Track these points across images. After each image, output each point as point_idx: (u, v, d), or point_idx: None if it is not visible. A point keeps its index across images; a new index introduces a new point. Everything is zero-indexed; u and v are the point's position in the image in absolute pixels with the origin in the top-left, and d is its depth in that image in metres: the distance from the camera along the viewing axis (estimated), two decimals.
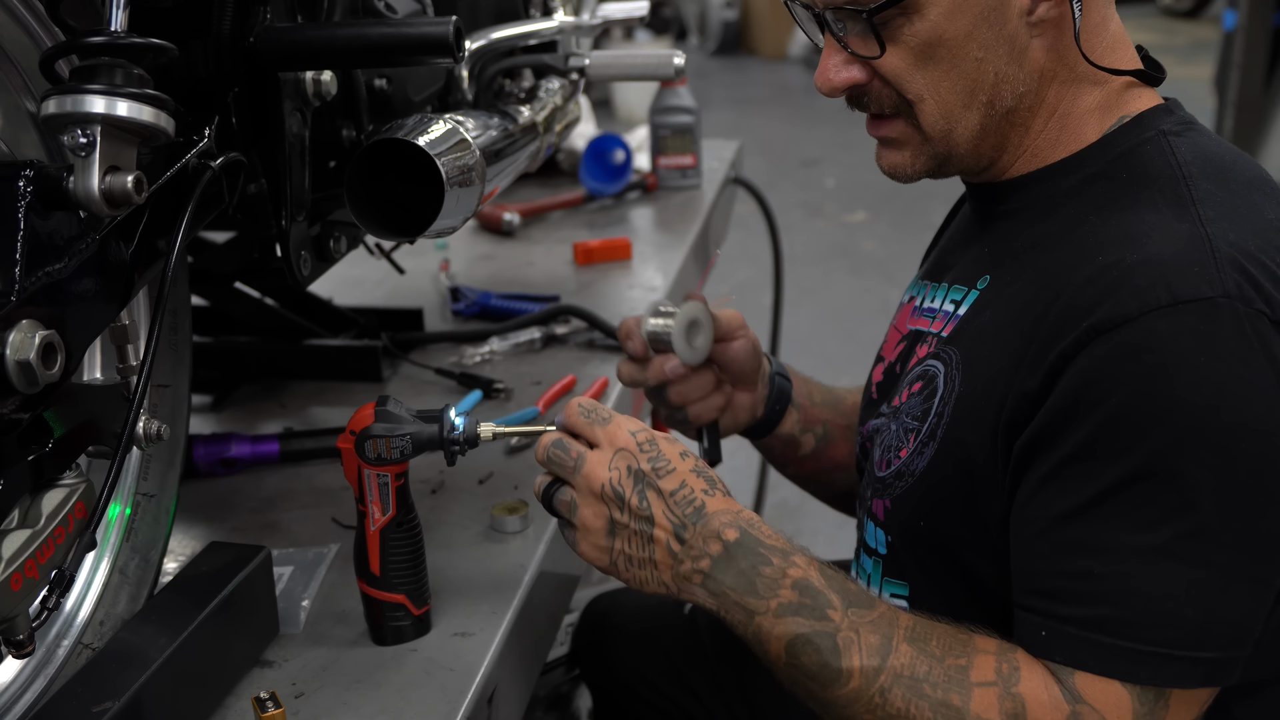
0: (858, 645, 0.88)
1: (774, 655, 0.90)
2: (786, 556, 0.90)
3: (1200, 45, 7.02)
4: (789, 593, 0.89)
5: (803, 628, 0.88)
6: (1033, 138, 0.99)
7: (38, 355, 0.72)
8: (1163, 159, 0.94)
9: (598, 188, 2.08)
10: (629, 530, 0.92)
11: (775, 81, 8.44)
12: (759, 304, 2.44)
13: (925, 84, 0.95)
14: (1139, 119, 0.97)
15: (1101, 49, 0.97)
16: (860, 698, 0.87)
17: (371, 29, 1.08)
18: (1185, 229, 0.88)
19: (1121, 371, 0.84)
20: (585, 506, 0.93)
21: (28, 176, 0.75)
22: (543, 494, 0.95)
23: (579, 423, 0.94)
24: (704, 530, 0.91)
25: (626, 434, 0.93)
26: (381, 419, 0.95)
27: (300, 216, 1.12)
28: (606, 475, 0.92)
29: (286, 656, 0.99)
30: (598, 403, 0.94)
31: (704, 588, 0.91)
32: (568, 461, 0.93)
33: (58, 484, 0.80)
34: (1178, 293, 0.84)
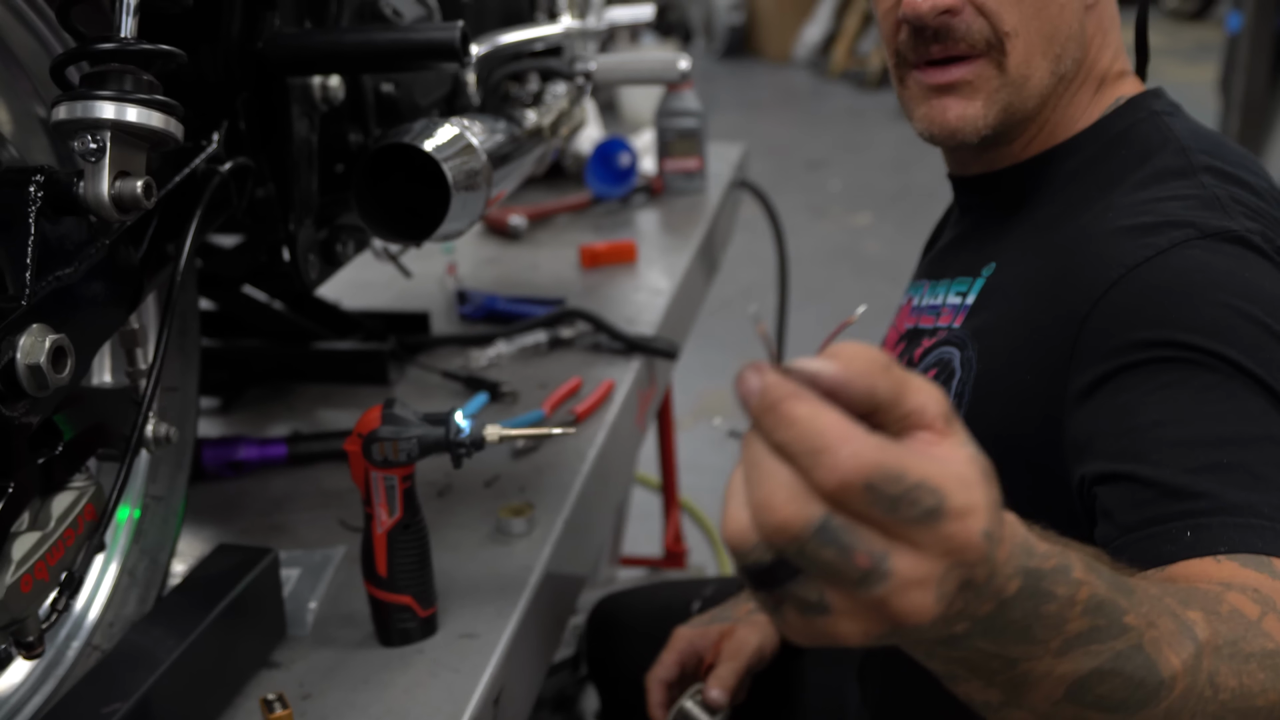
0: (1165, 641, 0.63)
1: (1039, 699, 0.62)
2: (1068, 575, 0.59)
3: (1205, 48, 7.01)
4: (1078, 623, 0.59)
5: (1097, 659, 0.60)
6: (1055, 115, 1.00)
7: (48, 359, 0.73)
8: (1160, 135, 0.97)
9: (603, 191, 2.09)
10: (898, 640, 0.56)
11: (781, 84, 8.45)
12: (764, 306, 2.45)
13: (1021, 18, 0.94)
14: (1131, 102, 1.01)
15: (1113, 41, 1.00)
16: (1188, 700, 0.64)
17: (379, 35, 1.09)
18: (1195, 191, 0.90)
19: (1164, 291, 0.84)
20: (853, 624, 0.51)
21: (38, 182, 0.75)
22: (753, 572, 0.51)
23: (870, 512, 0.48)
24: (989, 591, 0.54)
25: (980, 537, 0.50)
26: (388, 422, 0.96)
27: (308, 220, 1.13)
28: (931, 611, 0.50)
29: (294, 658, 1.00)
30: (905, 478, 0.48)
31: (943, 648, 0.58)
32: (849, 572, 0.48)
33: (67, 487, 0.81)
34: (1204, 229, 0.86)
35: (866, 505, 0.47)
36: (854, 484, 0.47)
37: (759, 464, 0.49)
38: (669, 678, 1.24)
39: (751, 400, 0.50)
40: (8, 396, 0.72)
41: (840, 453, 0.47)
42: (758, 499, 0.49)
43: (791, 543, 0.48)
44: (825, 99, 7.93)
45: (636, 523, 2.63)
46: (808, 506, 0.47)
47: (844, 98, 7.80)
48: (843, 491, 0.47)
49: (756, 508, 0.49)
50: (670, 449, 2.24)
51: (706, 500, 2.97)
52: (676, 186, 2.12)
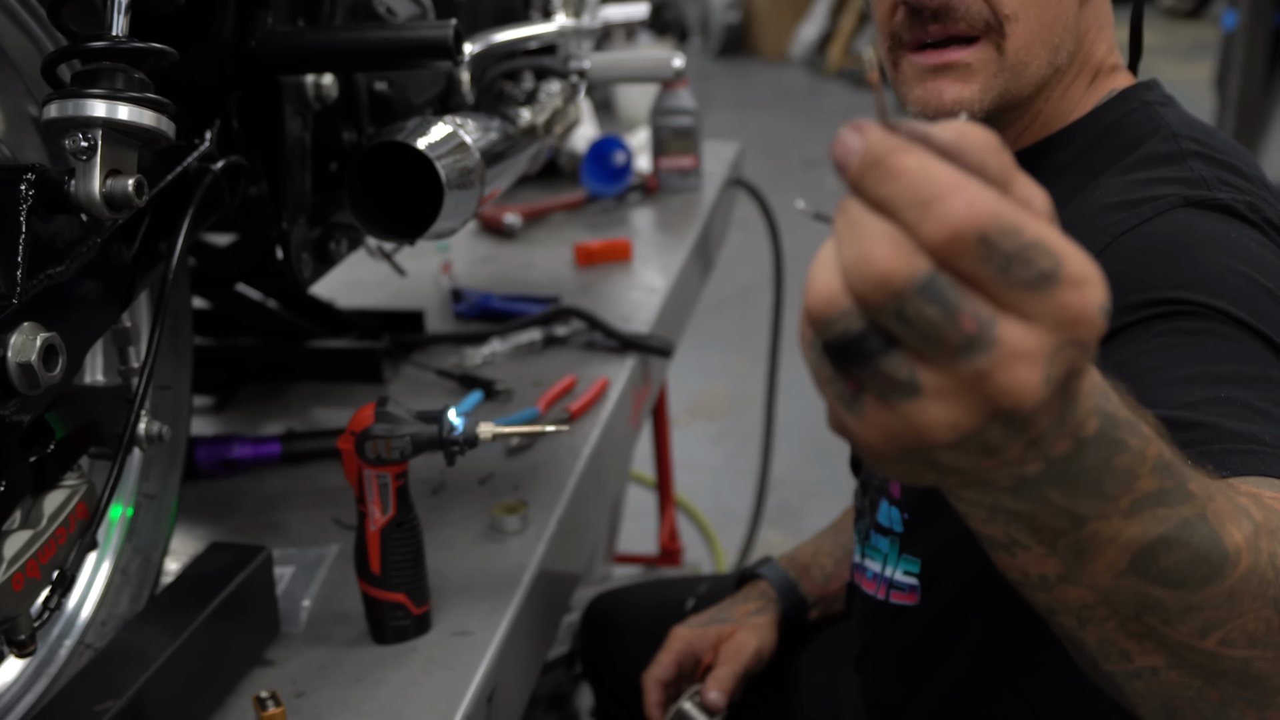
0: (1226, 516, 0.59)
1: (1101, 569, 0.57)
2: (1139, 429, 0.55)
3: (1200, 46, 7.02)
4: (1147, 481, 0.55)
5: (1164, 524, 0.56)
6: (1049, 106, 1.01)
7: (39, 357, 0.73)
8: (1152, 124, 0.98)
9: (598, 189, 2.09)
10: (982, 444, 0.48)
11: (777, 83, 8.45)
12: (760, 305, 2.45)
13: (1021, 3, 0.94)
14: (1124, 93, 1.02)
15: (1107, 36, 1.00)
16: (1251, 579, 0.59)
17: (372, 33, 1.09)
18: (1183, 174, 0.91)
19: (1152, 254, 0.85)
20: (944, 408, 0.46)
21: (29, 180, 0.75)
22: (840, 344, 0.46)
23: (981, 271, 0.44)
24: (1067, 426, 0.50)
25: (1096, 309, 0.45)
26: (381, 420, 0.96)
27: (301, 219, 1.13)
28: (1038, 392, 0.45)
29: (287, 656, 1.00)
30: (1022, 232, 0.44)
31: (1012, 497, 0.53)
32: (951, 335, 0.44)
33: (59, 485, 0.81)
34: (1190, 197, 0.87)
35: (978, 262, 0.43)
36: (967, 235, 0.43)
37: (858, 222, 0.45)
38: (666, 678, 1.24)
39: (852, 159, 0.46)
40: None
41: (953, 201, 0.43)
42: (856, 254, 0.45)
43: (891, 299, 0.44)
44: (821, 98, 7.94)
45: (631, 520, 2.63)
46: (914, 259, 0.44)
47: (840, 96, 7.81)
48: (954, 243, 0.43)
49: (854, 264, 0.45)
50: (665, 447, 2.24)
51: (701, 498, 2.98)
52: (672, 185, 2.12)
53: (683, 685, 1.26)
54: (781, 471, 2.86)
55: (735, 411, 3.62)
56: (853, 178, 0.46)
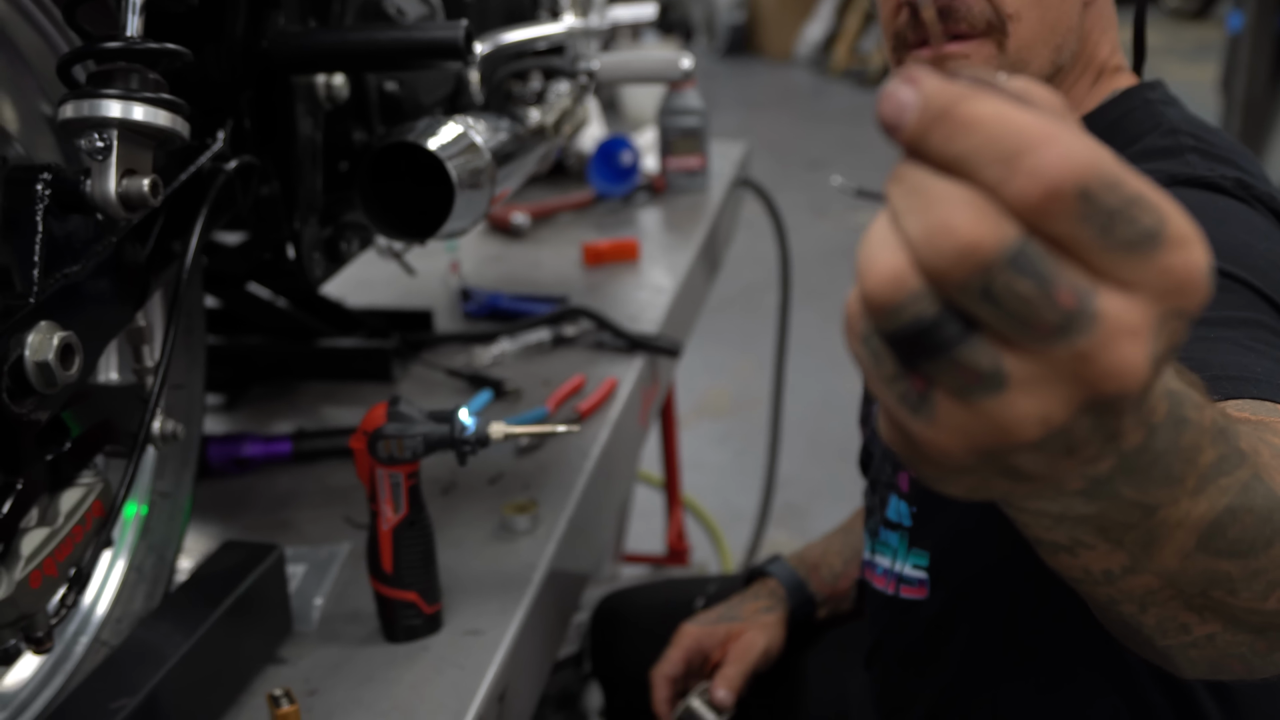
0: (1273, 465, 0.56)
1: (1170, 555, 0.53)
2: (1195, 399, 0.49)
3: (1206, 47, 7.02)
4: (1209, 452, 0.50)
5: (1227, 494, 0.52)
6: None
7: (56, 356, 0.73)
8: (1153, 121, 1.00)
9: (606, 189, 2.09)
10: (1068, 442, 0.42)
11: (782, 83, 8.45)
12: (767, 304, 2.45)
13: (1024, 2, 0.95)
14: (1127, 92, 1.03)
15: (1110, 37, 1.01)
16: None
17: (383, 34, 1.09)
18: (1179, 168, 0.93)
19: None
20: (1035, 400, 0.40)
21: (46, 180, 0.76)
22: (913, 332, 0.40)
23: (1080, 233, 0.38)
24: (1141, 415, 0.44)
25: (1204, 272, 0.40)
26: (394, 419, 0.96)
27: (312, 218, 1.13)
28: (1144, 371, 0.39)
29: (300, 654, 1.00)
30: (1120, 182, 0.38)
31: (1083, 501, 0.48)
32: (1047, 312, 0.38)
33: (76, 483, 0.81)
34: (1179, 175, 0.90)
35: (1076, 223, 0.37)
36: (1066, 190, 0.37)
37: (924, 190, 0.38)
38: (674, 674, 1.25)
39: (908, 114, 0.39)
40: (16, 393, 0.72)
41: (1048, 153, 0.37)
42: (928, 224, 0.38)
43: (977, 274, 0.37)
44: (827, 97, 7.94)
45: (639, 520, 2.64)
46: (1001, 224, 0.37)
47: (845, 96, 7.81)
48: (1051, 201, 0.37)
49: (926, 236, 0.38)
50: (673, 447, 2.24)
51: (708, 497, 2.98)
52: (679, 185, 2.12)
53: (691, 682, 1.26)
54: (788, 471, 2.86)
55: (741, 411, 3.63)
56: (912, 136, 0.39)
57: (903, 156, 0.39)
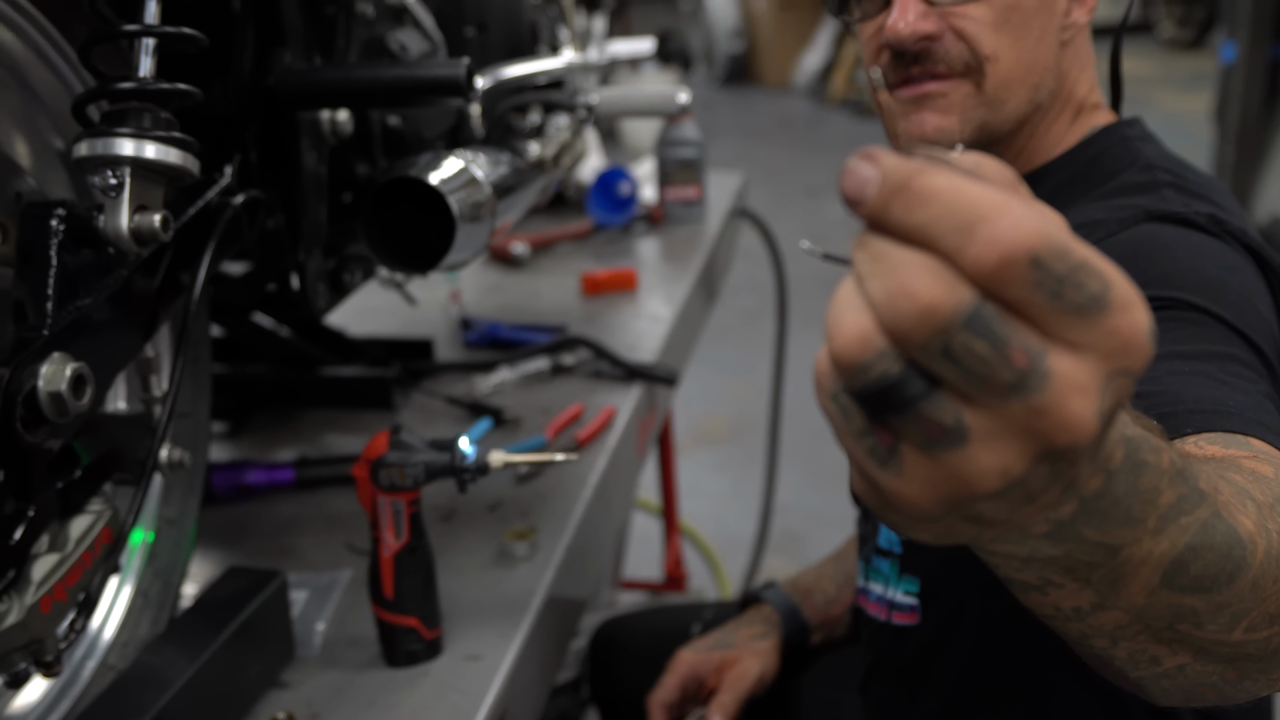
0: (1233, 505, 0.59)
1: (1136, 591, 0.56)
2: (1153, 442, 0.53)
3: (1200, 77, 7.07)
4: (1168, 493, 0.53)
5: (1188, 532, 0.55)
6: (1032, 142, 1.05)
7: (69, 387, 0.75)
8: (1130, 157, 1.02)
9: (605, 219, 2.12)
10: (1026, 492, 0.45)
11: (780, 111, 8.51)
12: (764, 331, 2.47)
13: (1000, 44, 0.99)
14: (1105, 129, 1.06)
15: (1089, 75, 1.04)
16: (1268, 563, 0.59)
17: (386, 71, 1.12)
18: (1155, 200, 0.95)
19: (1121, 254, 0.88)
20: (993, 453, 0.42)
21: (60, 216, 0.78)
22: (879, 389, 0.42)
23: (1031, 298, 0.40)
24: (1098, 462, 0.48)
25: (1146, 335, 0.43)
26: (395, 447, 0.98)
27: (317, 250, 1.16)
28: (1093, 425, 0.42)
29: (302, 678, 1.02)
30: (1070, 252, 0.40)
31: (1048, 543, 0.51)
32: (1002, 371, 0.41)
33: (85, 510, 0.83)
34: (1154, 213, 0.91)
35: (1028, 287, 0.40)
36: (1018, 257, 0.39)
37: (887, 256, 0.41)
38: (670, 701, 1.26)
39: (868, 188, 0.41)
40: (29, 423, 0.74)
41: (1000, 222, 0.39)
42: (890, 288, 0.40)
43: (936, 335, 0.40)
44: (824, 126, 7.99)
45: (637, 546, 2.65)
46: (957, 288, 0.40)
47: (843, 125, 7.86)
48: (1005, 267, 0.39)
49: (888, 299, 0.40)
50: (670, 474, 2.26)
51: (707, 524, 2.99)
52: (677, 215, 2.15)
53: (687, 709, 1.28)
54: (786, 498, 2.87)
55: (739, 438, 3.64)
56: (875, 208, 0.41)
57: (866, 227, 0.42)
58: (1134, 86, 1.14)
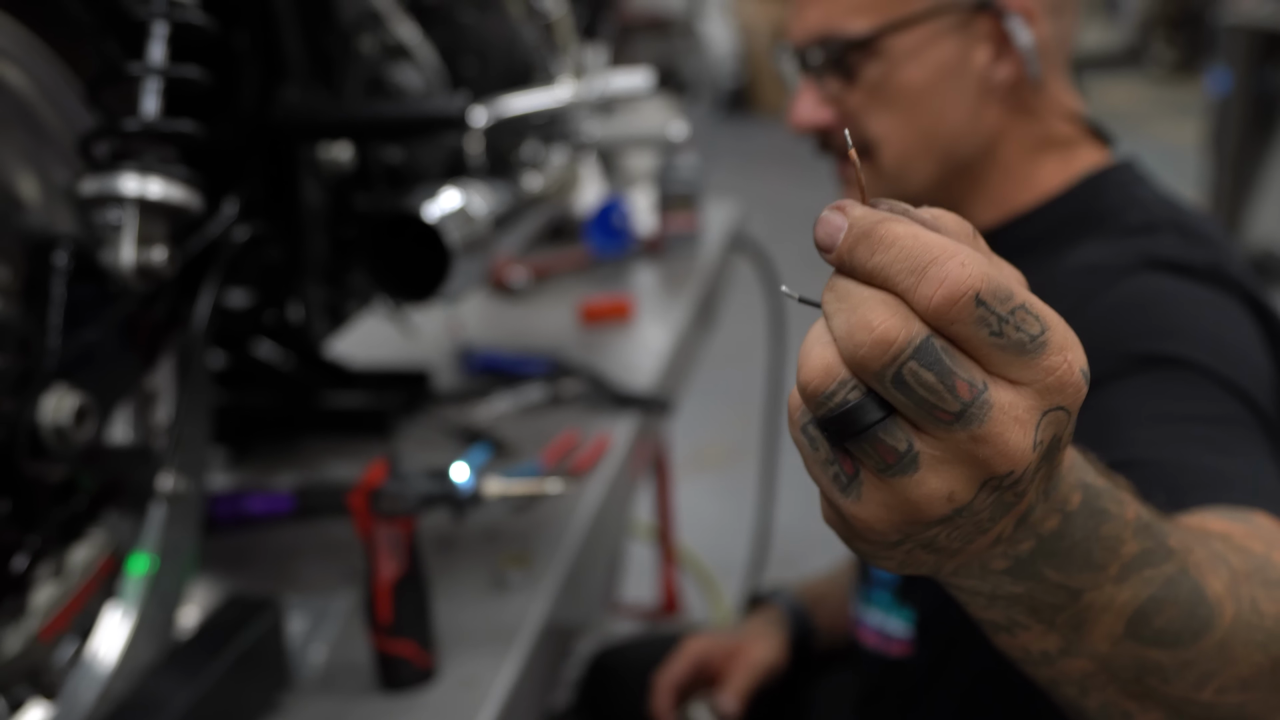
0: (1205, 567, 0.61)
1: (1100, 638, 0.58)
2: (1118, 495, 0.57)
3: (1188, 108, 7.11)
4: (1131, 545, 0.57)
5: (1152, 585, 0.58)
6: (992, 190, 1.06)
7: (71, 419, 0.77)
8: (1127, 199, 1.03)
9: (603, 249, 2.14)
10: (974, 520, 0.49)
11: (778, 139, 8.55)
12: (761, 361, 2.49)
13: (884, 127, 1.02)
14: (1103, 173, 1.05)
15: (1056, 118, 1.04)
16: (1238, 627, 0.60)
17: (387, 106, 1.14)
18: (1153, 242, 0.96)
19: (1118, 313, 0.90)
20: (941, 478, 0.47)
21: (66, 251, 0.80)
22: (839, 415, 0.47)
23: (975, 334, 0.45)
24: (1051, 504, 0.53)
25: (1080, 374, 0.47)
26: (392, 476, 0.99)
27: (317, 281, 1.18)
28: (1028, 455, 0.46)
29: (300, 704, 1.03)
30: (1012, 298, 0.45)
31: (1010, 579, 0.55)
32: (947, 401, 0.45)
33: (86, 539, 0.85)
34: (1154, 260, 0.92)
35: (973, 325, 0.44)
36: (964, 296, 0.44)
37: (850, 295, 0.46)
38: (678, 682, 1.27)
39: (836, 236, 0.47)
40: (33, 454, 0.76)
41: (949, 264, 0.44)
42: (851, 323, 0.45)
43: (889, 364, 0.44)
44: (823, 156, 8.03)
45: (634, 572, 2.66)
46: (910, 322, 0.44)
47: None
48: (950, 305, 0.44)
49: (849, 332, 0.45)
50: (667, 501, 2.27)
51: (704, 550, 3.00)
52: (674, 244, 2.17)
53: (694, 692, 1.28)
54: (783, 523, 2.88)
55: (734, 463, 3.65)
56: (842, 252, 0.46)
57: (835, 271, 0.47)
58: (1123, 116, 1.15)
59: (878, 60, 1.00)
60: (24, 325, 0.79)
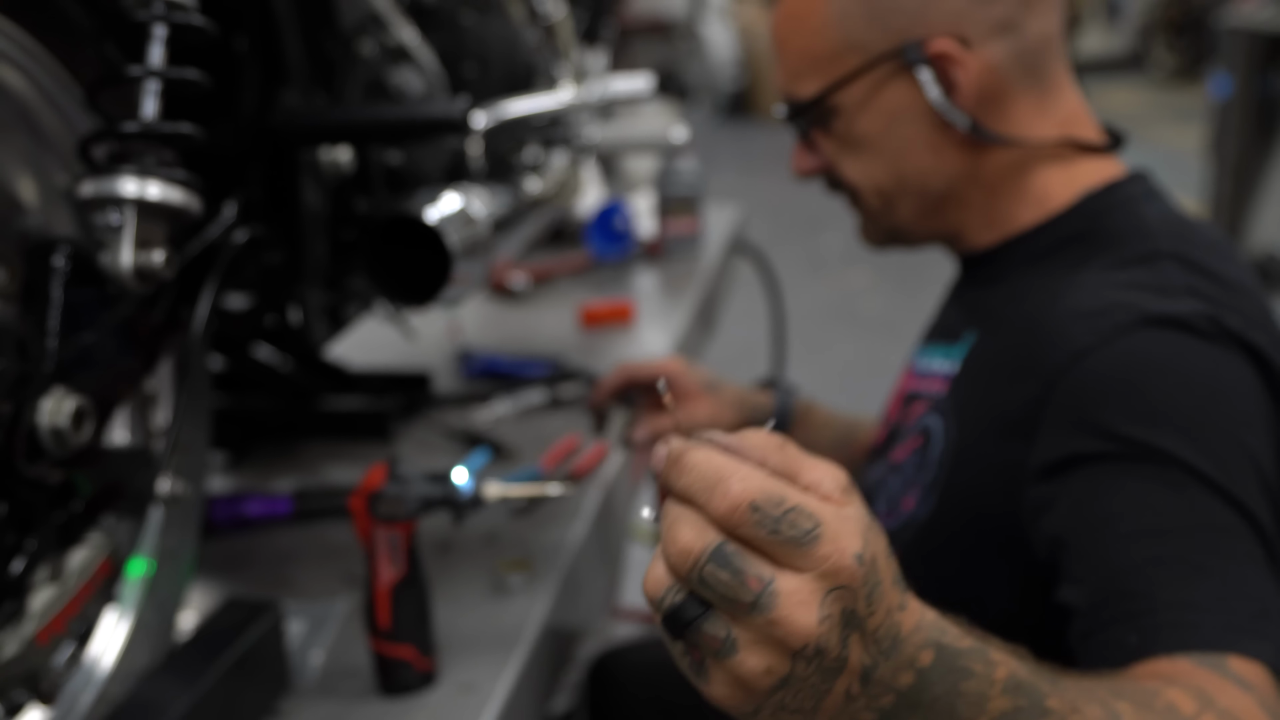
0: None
1: None
2: (986, 656, 0.64)
3: (1190, 113, 7.11)
4: (1000, 701, 0.63)
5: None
6: (987, 212, 1.06)
7: (69, 421, 0.77)
8: (1132, 221, 1.01)
9: (603, 252, 2.14)
10: (807, 683, 0.57)
11: (779, 144, 8.54)
12: (762, 364, 2.49)
13: (858, 172, 1.08)
14: (1110, 188, 1.04)
15: (1041, 131, 1.03)
16: None
17: (387, 110, 1.14)
18: (1153, 274, 0.95)
19: (1110, 384, 0.90)
20: (757, 657, 0.55)
21: (64, 254, 0.80)
22: (670, 613, 0.57)
23: (757, 534, 0.55)
24: (896, 662, 0.59)
25: (852, 558, 0.55)
26: (392, 479, 0.99)
27: (316, 284, 1.17)
28: (815, 629, 0.55)
29: (298, 709, 1.03)
30: (784, 502, 0.55)
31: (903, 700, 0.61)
32: (743, 594, 0.54)
33: (84, 542, 0.84)
34: (1150, 314, 0.91)
35: (754, 527, 0.54)
36: (742, 504, 0.54)
37: (670, 512, 0.57)
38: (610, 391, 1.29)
39: (659, 465, 0.57)
40: (31, 456, 0.76)
41: (731, 481, 0.55)
42: (666, 538, 0.56)
43: (693, 569, 0.54)
44: None
45: (635, 576, 2.65)
46: (705, 533, 0.55)
47: None
48: (733, 513, 0.54)
49: (666, 545, 0.56)
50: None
51: None
52: (675, 248, 2.17)
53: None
54: None
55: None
56: (661, 478, 0.57)
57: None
58: (1124, 120, 1.13)
59: (836, 115, 1.06)
60: (22, 328, 0.79)
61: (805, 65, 1.06)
